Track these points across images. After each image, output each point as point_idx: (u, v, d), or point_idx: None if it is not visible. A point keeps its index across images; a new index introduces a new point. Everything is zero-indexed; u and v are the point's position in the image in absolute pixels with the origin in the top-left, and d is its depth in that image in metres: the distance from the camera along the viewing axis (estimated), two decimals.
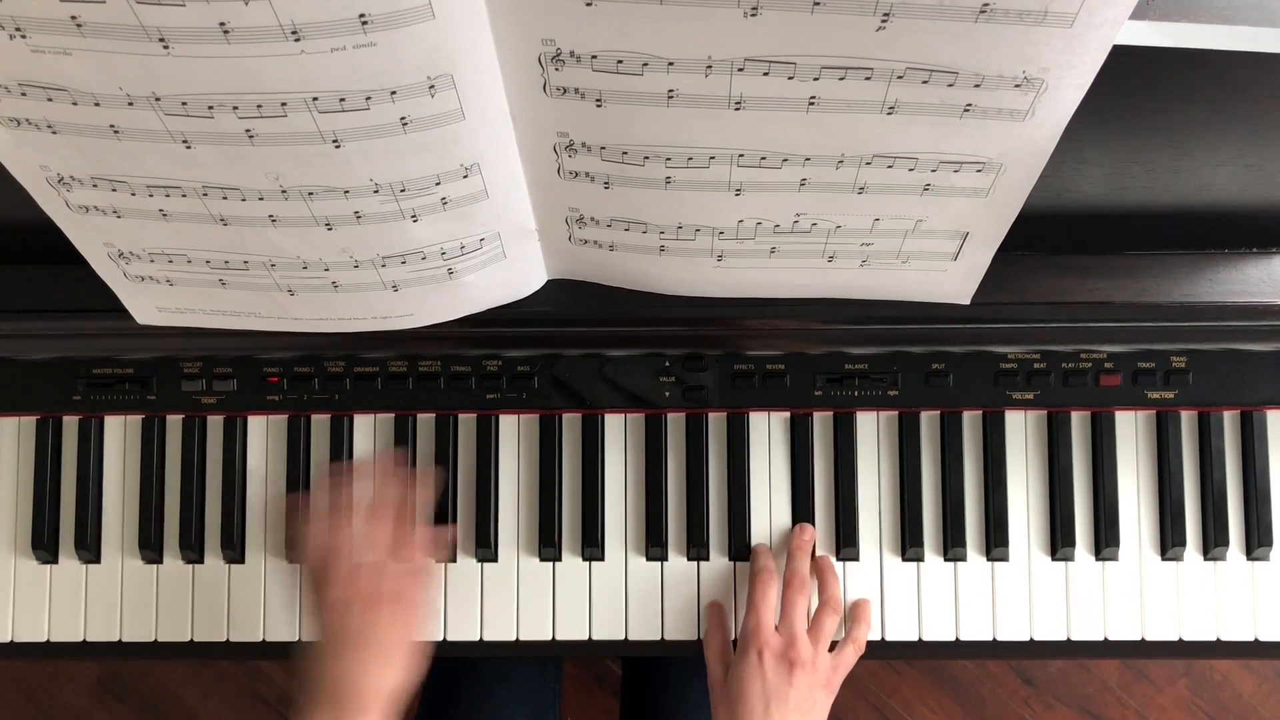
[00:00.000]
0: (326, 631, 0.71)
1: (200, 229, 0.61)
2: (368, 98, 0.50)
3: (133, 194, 0.59)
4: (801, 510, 0.81)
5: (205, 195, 0.58)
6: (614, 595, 0.82)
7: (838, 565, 0.81)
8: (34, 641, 0.82)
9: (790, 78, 0.51)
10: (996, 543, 0.81)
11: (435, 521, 0.81)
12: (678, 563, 0.82)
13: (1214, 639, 0.81)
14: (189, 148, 0.54)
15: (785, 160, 0.57)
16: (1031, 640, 0.81)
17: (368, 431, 0.83)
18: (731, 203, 0.61)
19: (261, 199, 0.58)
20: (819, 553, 0.81)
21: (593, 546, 0.81)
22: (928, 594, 0.81)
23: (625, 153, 0.57)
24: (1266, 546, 0.81)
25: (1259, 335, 0.77)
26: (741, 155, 0.57)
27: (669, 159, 0.57)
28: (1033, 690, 1.55)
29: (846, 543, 0.81)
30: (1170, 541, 0.81)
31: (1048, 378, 0.81)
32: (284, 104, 0.50)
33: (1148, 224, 0.72)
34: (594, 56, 0.50)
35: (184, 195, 0.58)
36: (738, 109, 0.53)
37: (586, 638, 0.82)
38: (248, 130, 0.52)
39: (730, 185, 0.59)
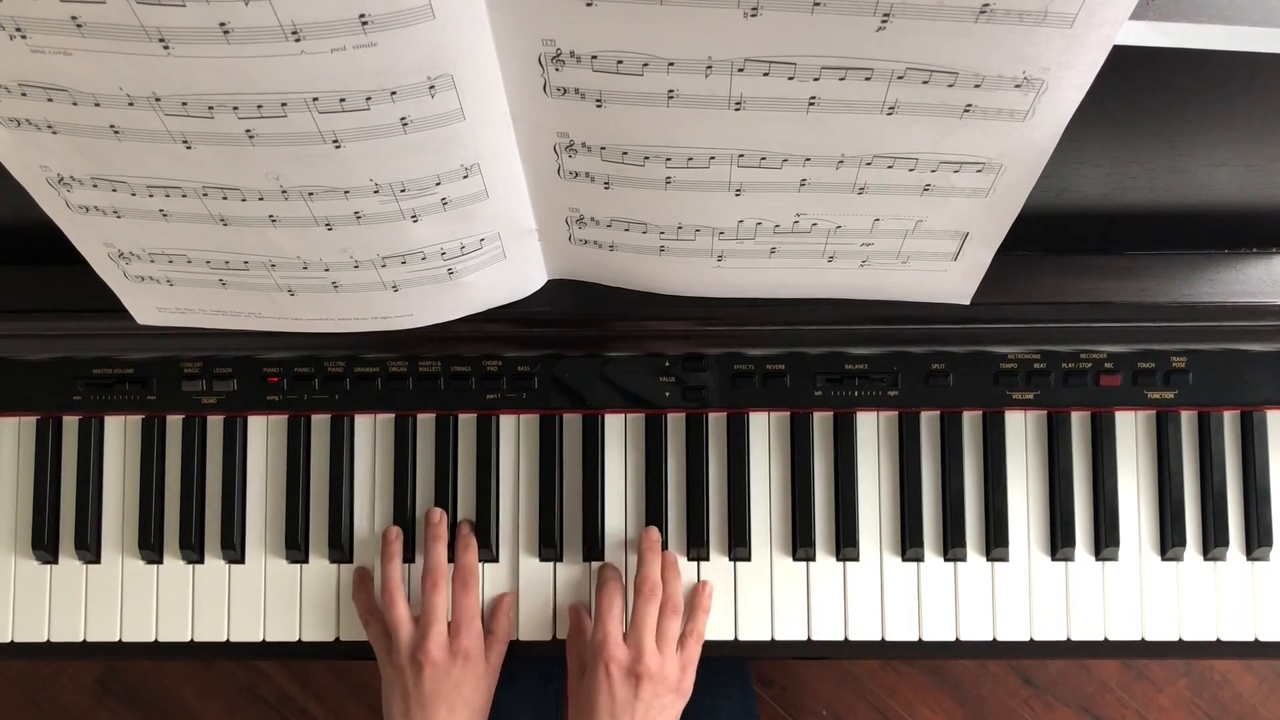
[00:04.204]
0: (396, 691, 0.76)
1: (200, 229, 0.61)
2: (368, 98, 0.50)
3: (133, 194, 0.59)
4: (801, 510, 0.81)
5: (205, 195, 0.58)
6: None
7: (836, 566, 0.81)
8: (34, 641, 0.83)
9: (790, 78, 0.51)
10: (996, 543, 0.81)
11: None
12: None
13: (1214, 639, 0.81)
14: (189, 148, 0.54)
15: (785, 160, 0.57)
16: (1031, 640, 0.81)
17: (368, 431, 0.83)
18: (731, 203, 0.61)
19: (261, 199, 0.58)
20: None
21: (592, 547, 0.81)
22: (928, 594, 0.81)
23: (625, 153, 0.57)
24: (1266, 546, 0.81)
25: (1259, 335, 0.77)
26: (741, 155, 0.57)
27: (669, 159, 0.57)
28: (1033, 690, 1.55)
29: (847, 543, 0.81)
30: (1170, 541, 0.81)
31: (1048, 378, 0.81)
32: (284, 104, 0.50)
33: (1148, 224, 0.72)
34: (594, 57, 0.50)
35: (184, 195, 0.58)
36: (738, 109, 0.53)
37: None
38: (248, 130, 0.52)
39: (730, 185, 0.59)
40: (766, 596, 0.81)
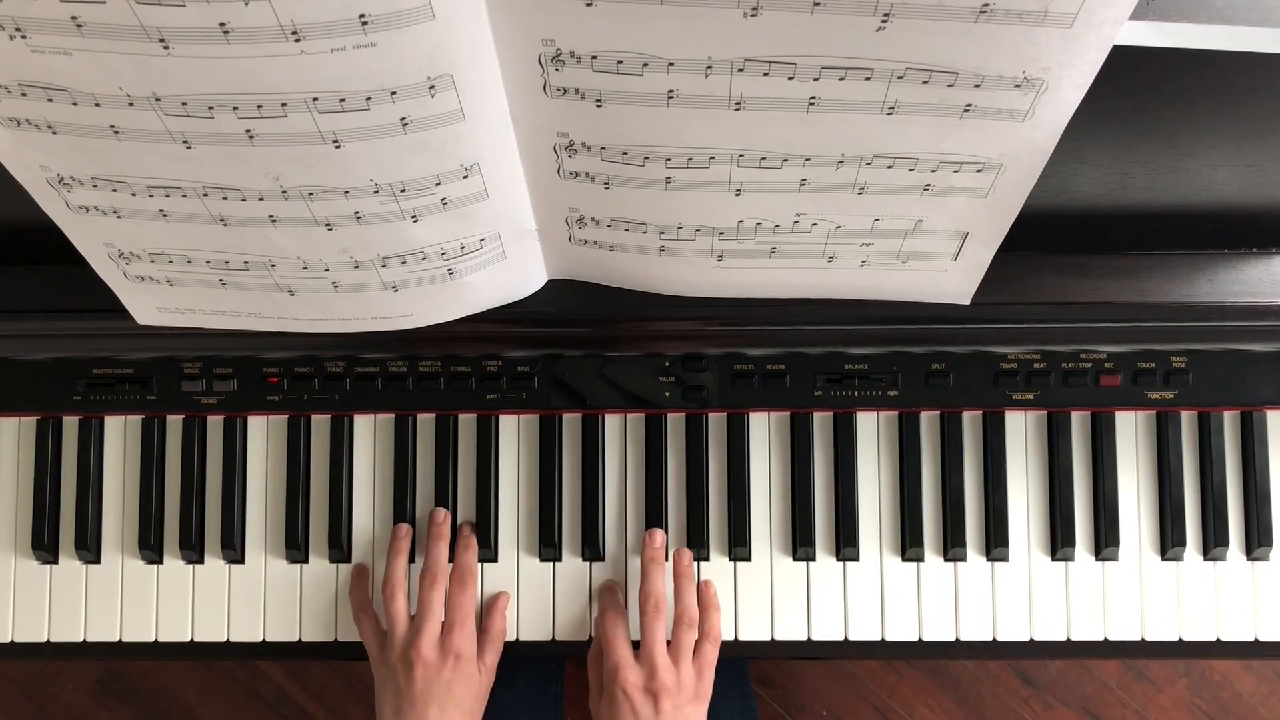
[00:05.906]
0: (388, 689, 0.76)
1: (200, 229, 0.61)
2: (368, 98, 0.50)
3: (133, 194, 0.59)
4: (801, 510, 0.81)
5: (205, 195, 0.58)
6: None
7: (836, 566, 0.81)
8: (34, 641, 0.83)
9: (790, 78, 0.51)
10: (996, 543, 0.81)
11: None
12: None
13: (1214, 639, 0.81)
14: (189, 148, 0.54)
15: (785, 160, 0.57)
16: (1031, 640, 0.81)
17: (368, 431, 0.83)
18: (731, 203, 0.61)
19: (262, 199, 0.58)
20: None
21: (593, 547, 0.81)
22: (928, 594, 0.81)
23: (625, 153, 0.57)
24: (1266, 546, 0.81)
25: (1259, 335, 0.77)
26: (741, 155, 0.57)
27: (669, 159, 0.57)
28: (1033, 690, 1.55)
29: (847, 543, 0.81)
30: (1170, 541, 0.81)
31: (1048, 378, 0.81)
32: (284, 104, 0.50)
33: (1148, 224, 0.72)
34: (594, 57, 0.50)
35: (184, 195, 0.58)
36: (738, 109, 0.53)
37: (587, 638, 0.82)
38: (248, 130, 0.52)
39: (730, 185, 0.59)
40: (766, 596, 0.81)
